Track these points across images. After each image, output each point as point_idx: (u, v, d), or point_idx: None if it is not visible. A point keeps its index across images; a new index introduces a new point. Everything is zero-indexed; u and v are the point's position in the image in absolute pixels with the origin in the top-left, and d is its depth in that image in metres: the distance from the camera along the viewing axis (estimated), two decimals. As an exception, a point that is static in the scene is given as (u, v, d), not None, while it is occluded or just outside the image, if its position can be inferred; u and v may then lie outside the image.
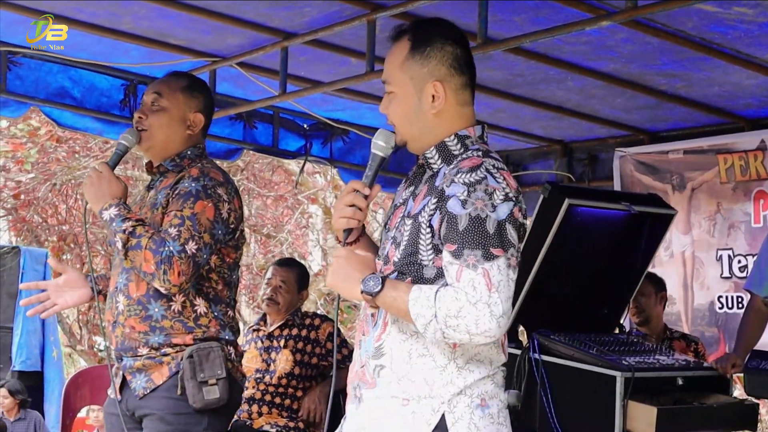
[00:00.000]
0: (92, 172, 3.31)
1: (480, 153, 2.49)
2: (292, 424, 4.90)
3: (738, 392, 4.67)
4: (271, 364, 5.01)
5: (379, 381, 2.51)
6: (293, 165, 11.10)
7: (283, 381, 4.97)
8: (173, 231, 3.16)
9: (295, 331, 5.06)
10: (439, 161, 2.55)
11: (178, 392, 3.22)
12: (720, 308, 5.77)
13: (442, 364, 2.46)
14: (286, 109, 6.09)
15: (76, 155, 11.39)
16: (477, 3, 4.05)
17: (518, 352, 4.29)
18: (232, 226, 3.31)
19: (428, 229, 2.46)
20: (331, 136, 6.33)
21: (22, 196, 11.84)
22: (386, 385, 2.50)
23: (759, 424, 4.53)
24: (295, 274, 5.22)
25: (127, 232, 3.17)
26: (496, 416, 2.48)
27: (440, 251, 2.43)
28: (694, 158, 5.90)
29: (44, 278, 9.78)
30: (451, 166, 2.49)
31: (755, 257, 4.95)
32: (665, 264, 5.95)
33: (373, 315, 2.57)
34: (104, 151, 11.33)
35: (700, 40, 4.52)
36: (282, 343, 5.04)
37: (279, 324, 5.10)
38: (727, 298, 5.74)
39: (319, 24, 4.60)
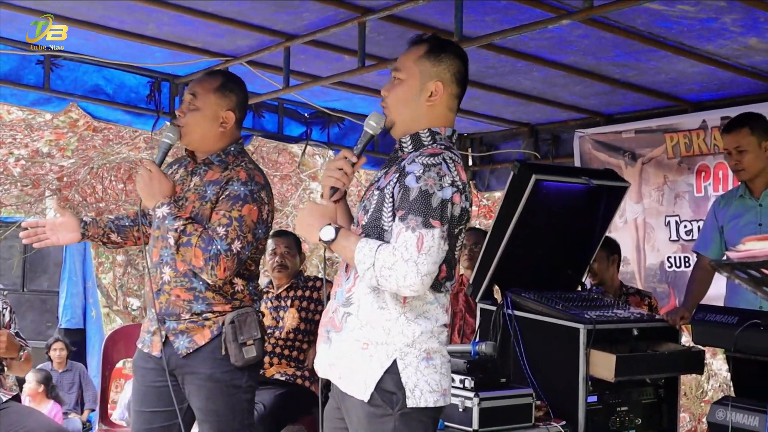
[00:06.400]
0: (143, 172, 3.19)
1: (443, 146, 2.56)
2: (299, 373, 4.86)
3: (686, 340, 4.62)
4: (280, 321, 4.95)
5: (345, 326, 2.57)
6: (296, 148, 10.98)
7: (291, 336, 4.91)
8: (221, 230, 3.10)
9: (299, 293, 5.01)
10: (411, 147, 2.61)
11: (222, 353, 3.18)
12: (669, 267, 5.71)
13: (395, 316, 2.51)
14: (289, 101, 6.04)
15: (110, 143, 11.37)
16: (453, 5, 4.00)
17: (494, 308, 4.24)
18: (270, 223, 3.28)
19: (390, 199, 2.51)
20: (329, 123, 6.29)
21: (65, 179, 11.79)
22: (350, 330, 2.55)
23: (705, 368, 4.49)
24: (293, 239, 5.19)
25: (178, 231, 3.10)
26: (439, 367, 2.56)
27: None
28: (645, 137, 5.82)
29: (84, 250, 9.71)
30: (418, 152, 2.54)
31: (701, 223, 4.90)
32: (620, 230, 5.88)
33: (346, 270, 2.61)
34: (134, 139, 11.25)
35: (648, 35, 4.45)
36: (288, 303, 4.98)
37: (285, 287, 5.04)
38: (675, 258, 5.68)
39: (317, 26, 4.54)
